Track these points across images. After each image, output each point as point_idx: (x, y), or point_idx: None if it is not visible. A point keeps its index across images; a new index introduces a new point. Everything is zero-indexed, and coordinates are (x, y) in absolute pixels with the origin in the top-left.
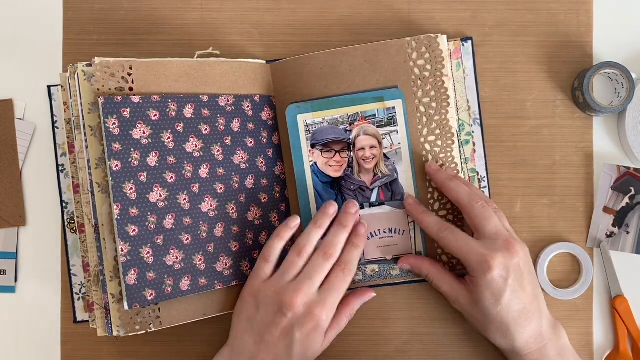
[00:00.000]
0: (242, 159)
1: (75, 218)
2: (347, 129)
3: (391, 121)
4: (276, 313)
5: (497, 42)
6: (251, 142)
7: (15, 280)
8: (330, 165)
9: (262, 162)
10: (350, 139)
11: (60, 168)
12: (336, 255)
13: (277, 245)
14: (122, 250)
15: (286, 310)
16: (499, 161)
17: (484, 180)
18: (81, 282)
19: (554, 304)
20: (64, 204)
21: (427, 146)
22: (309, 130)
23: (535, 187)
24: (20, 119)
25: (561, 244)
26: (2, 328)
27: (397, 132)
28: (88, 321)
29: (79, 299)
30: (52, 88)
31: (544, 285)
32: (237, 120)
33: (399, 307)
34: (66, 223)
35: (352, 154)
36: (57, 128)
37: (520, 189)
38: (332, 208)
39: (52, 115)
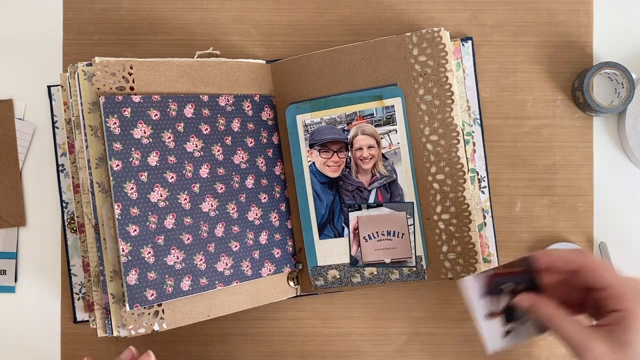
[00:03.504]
0: (242, 158)
1: (75, 218)
2: (345, 128)
3: (390, 120)
4: None
5: (497, 42)
6: (251, 142)
7: (15, 280)
8: (328, 166)
9: (262, 162)
10: (347, 138)
11: (60, 168)
12: None
13: None
14: (123, 250)
15: None
16: (499, 161)
17: (484, 180)
18: (81, 282)
19: None
20: (64, 204)
21: (430, 146)
22: (307, 130)
23: (535, 187)
24: (20, 119)
25: (561, 244)
26: (2, 328)
27: (396, 132)
28: (88, 321)
29: (78, 299)
30: (52, 88)
31: None
32: (237, 120)
33: (399, 307)
34: (66, 223)
35: (349, 154)
36: (57, 128)
37: (520, 189)
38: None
39: (52, 115)
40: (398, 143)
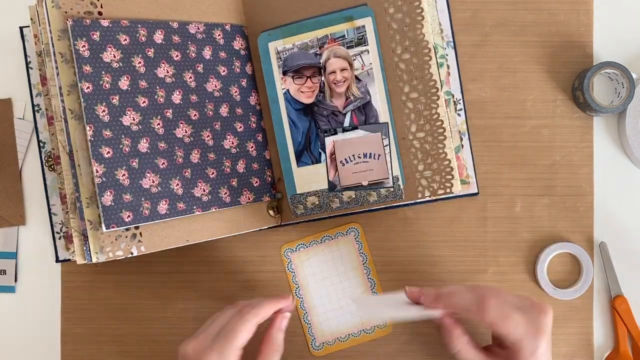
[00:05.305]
0: (216, 87)
1: (51, 152)
2: (317, 52)
3: (362, 41)
4: None
5: (497, 42)
6: (224, 71)
7: (15, 280)
8: (302, 92)
9: (236, 91)
10: (320, 62)
11: (37, 108)
12: (241, 305)
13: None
14: (97, 172)
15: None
16: (499, 161)
17: (459, 103)
18: (61, 222)
19: (554, 304)
20: (41, 144)
21: (402, 65)
22: (280, 57)
23: (535, 187)
24: (20, 118)
25: (561, 244)
26: (2, 328)
27: (368, 52)
28: (69, 260)
29: (59, 238)
30: (24, 29)
31: (544, 285)
32: (208, 48)
33: None
34: (44, 162)
35: (323, 78)
36: (32, 69)
37: (520, 189)
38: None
39: (26, 56)
40: (370, 64)
